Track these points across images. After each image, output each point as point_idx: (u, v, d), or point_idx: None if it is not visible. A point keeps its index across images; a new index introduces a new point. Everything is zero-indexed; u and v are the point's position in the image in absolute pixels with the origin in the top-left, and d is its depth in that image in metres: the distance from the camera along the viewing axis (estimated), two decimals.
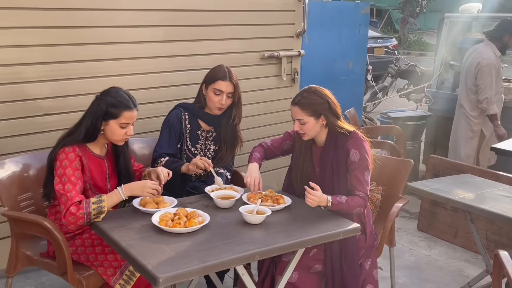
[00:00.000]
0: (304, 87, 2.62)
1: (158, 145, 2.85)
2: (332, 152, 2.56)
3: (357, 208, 2.45)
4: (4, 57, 2.92)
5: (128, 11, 3.31)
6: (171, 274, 1.79)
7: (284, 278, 2.32)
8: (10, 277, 2.55)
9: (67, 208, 2.23)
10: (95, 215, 2.22)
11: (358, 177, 2.49)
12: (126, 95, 2.43)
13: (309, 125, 2.51)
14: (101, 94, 2.44)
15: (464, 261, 3.74)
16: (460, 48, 5.78)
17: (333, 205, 2.39)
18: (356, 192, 2.47)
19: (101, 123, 2.39)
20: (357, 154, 2.50)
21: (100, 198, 2.26)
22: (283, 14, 4.15)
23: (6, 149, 2.96)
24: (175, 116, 2.87)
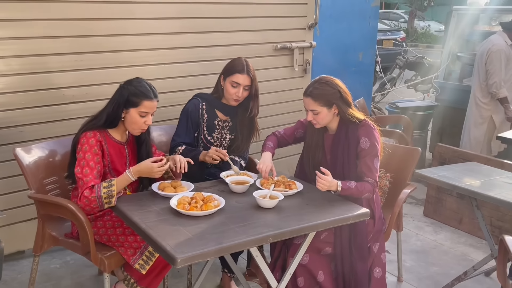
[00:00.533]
0: (315, 78, 2.59)
1: (176, 134, 2.85)
2: (343, 139, 2.54)
3: (366, 194, 2.44)
4: (30, 48, 2.94)
5: (147, 4, 3.31)
6: (188, 255, 1.80)
7: (295, 260, 2.33)
8: (37, 256, 2.59)
9: (82, 192, 2.26)
10: (106, 198, 2.24)
11: (368, 164, 2.47)
12: (148, 86, 2.43)
13: (322, 115, 2.50)
14: (124, 83, 2.45)
15: (469, 246, 3.72)
16: (467, 40, 5.72)
17: (342, 190, 2.39)
18: (365, 178, 2.46)
19: (122, 111, 2.40)
20: (367, 142, 2.49)
21: (110, 183, 2.28)
22: (295, 6, 4.12)
23: (32, 135, 2.99)
24: (193, 106, 2.87)
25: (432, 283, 3.17)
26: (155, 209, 2.20)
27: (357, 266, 2.52)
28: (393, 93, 8.24)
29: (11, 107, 2.95)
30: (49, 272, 3.12)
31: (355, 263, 2.52)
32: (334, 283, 2.56)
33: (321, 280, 2.52)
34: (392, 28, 13.99)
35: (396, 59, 8.77)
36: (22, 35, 2.90)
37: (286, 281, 2.33)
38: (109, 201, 2.26)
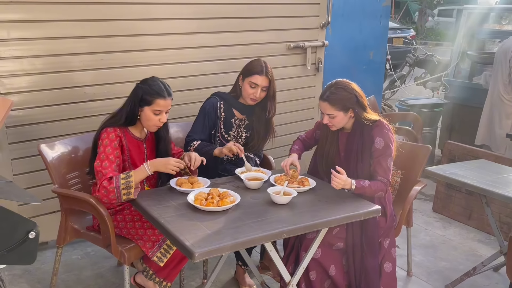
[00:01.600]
0: (331, 81, 2.53)
1: (192, 131, 2.85)
2: (358, 138, 2.52)
3: (379, 193, 2.42)
4: (53, 48, 2.97)
5: (164, 5, 3.31)
6: (205, 250, 1.81)
7: (308, 255, 2.33)
8: (60, 248, 2.63)
9: (100, 183, 2.27)
10: (124, 189, 2.24)
11: (381, 164, 2.45)
12: (162, 84, 2.43)
13: (338, 119, 2.47)
14: (140, 82, 2.46)
15: (478, 241, 3.69)
16: (477, 38, 5.64)
17: (356, 188, 2.37)
18: (378, 178, 2.44)
19: (138, 109, 2.41)
20: (382, 142, 2.46)
21: (128, 174, 2.29)
22: (308, 6, 4.10)
23: (55, 132, 3.03)
24: (211, 105, 2.86)
25: (441, 277, 3.15)
26: (173, 204, 2.22)
27: (367, 261, 2.51)
28: (403, 90, 8.17)
29: (36, 104, 2.99)
30: (71, 263, 3.16)
31: (366, 258, 2.51)
32: (346, 277, 2.56)
33: (333, 274, 2.52)
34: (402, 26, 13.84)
35: (406, 57, 8.69)
36: (45, 35, 2.93)
37: (299, 275, 2.33)
38: (128, 192, 2.25)
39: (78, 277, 3.00)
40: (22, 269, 3.05)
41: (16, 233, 2.26)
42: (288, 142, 3.98)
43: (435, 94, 7.04)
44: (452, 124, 5.41)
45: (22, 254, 2.29)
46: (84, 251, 3.29)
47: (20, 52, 2.88)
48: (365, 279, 2.53)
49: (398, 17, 21.17)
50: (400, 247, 3.27)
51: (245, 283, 2.91)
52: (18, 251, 2.27)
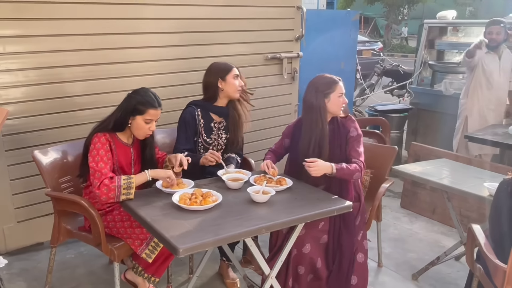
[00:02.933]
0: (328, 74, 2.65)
1: (178, 142, 2.80)
2: (337, 130, 2.61)
3: (356, 173, 2.47)
4: (46, 61, 2.92)
5: (150, 20, 3.29)
6: (189, 245, 1.79)
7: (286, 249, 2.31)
8: (54, 247, 2.58)
9: (101, 181, 2.22)
10: (124, 189, 2.21)
11: (356, 148, 2.54)
12: (153, 95, 2.41)
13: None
14: (132, 92, 2.43)
15: (441, 233, 3.72)
16: (437, 50, 5.74)
17: (337, 170, 2.41)
18: (353, 160, 2.51)
19: (129, 118, 2.38)
20: (355, 131, 2.58)
21: (129, 176, 2.26)
22: (284, 21, 4.11)
23: (48, 139, 2.97)
24: (189, 114, 2.82)
25: (408, 267, 3.17)
26: (159, 204, 2.18)
27: (343, 237, 2.53)
28: (372, 97, 8.24)
29: (30, 114, 2.94)
30: (65, 261, 3.09)
31: (342, 235, 2.53)
32: (328, 268, 2.55)
33: (319, 266, 2.52)
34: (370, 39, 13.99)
35: (374, 67, 8.78)
36: (38, 49, 2.88)
37: (277, 267, 2.31)
38: (127, 193, 2.22)
39: (72, 275, 2.94)
40: (20, 268, 2.98)
41: None
42: (266, 146, 3.96)
43: (401, 100, 7.13)
44: (417, 128, 5.48)
45: None
46: (78, 251, 3.23)
47: (15, 65, 2.83)
48: (339, 255, 2.54)
49: (367, 31, 21.42)
50: (371, 241, 3.28)
51: (229, 277, 2.88)
52: None
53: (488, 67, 4.26)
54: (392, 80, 8.44)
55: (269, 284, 2.29)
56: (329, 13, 5.56)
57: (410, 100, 5.72)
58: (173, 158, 2.48)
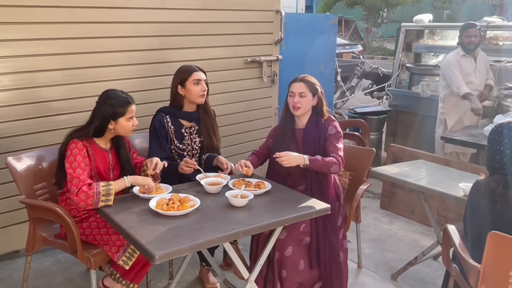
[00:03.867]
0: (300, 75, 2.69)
1: (153, 152, 2.71)
2: (314, 129, 2.62)
3: (333, 166, 2.46)
4: (21, 65, 2.86)
5: (128, 24, 3.25)
6: (165, 252, 1.76)
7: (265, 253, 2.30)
8: (29, 255, 2.50)
9: (79, 188, 2.16)
10: (103, 196, 2.17)
11: (334, 144, 2.56)
12: (123, 94, 2.40)
13: (307, 99, 2.59)
14: (102, 100, 2.37)
15: (419, 233, 3.75)
16: (415, 53, 5.80)
17: (310, 161, 2.43)
18: (331, 155, 2.51)
19: (108, 123, 2.34)
20: (334, 129, 2.61)
21: (108, 183, 2.22)
22: (263, 24, 4.10)
23: (22, 145, 2.90)
24: (158, 122, 2.77)
25: (388, 267, 3.18)
26: (136, 210, 2.14)
27: (331, 237, 2.55)
28: (352, 100, 8.30)
29: (4, 119, 2.86)
30: (42, 269, 3.02)
31: (329, 236, 2.54)
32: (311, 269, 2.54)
33: (302, 268, 2.51)
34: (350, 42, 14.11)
35: (354, 70, 8.84)
36: (12, 54, 2.82)
37: (256, 271, 2.30)
38: (106, 199, 2.17)
39: (49, 283, 2.87)
40: None
41: None
42: (247, 149, 3.97)
43: (380, 102, 7.18)
44: (396, 129, 5.53)
45: None
46: (55, 258, 3.16)
47: None
48: (328, 255, 2.54)
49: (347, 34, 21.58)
50: (351, 242, 3.28)
51: (209, 281, 2.84)
52: None
53: (464, 70, 4.32)
54: (372, 82, 8.51)
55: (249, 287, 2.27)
56: (308, 17, 5.54)
57: (389, 102, 5.77)
58: (149, 162, 2.45)
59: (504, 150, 1.95)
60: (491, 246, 1.73)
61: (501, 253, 1.73)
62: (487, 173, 2.11)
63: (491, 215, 1.92)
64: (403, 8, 20.20)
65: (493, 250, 1.73)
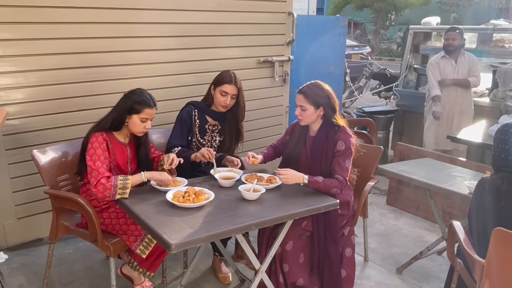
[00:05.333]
0: (310, 81, 2.52)
1: (172, 137, 2.79)
2: (323, 141, 2.49)
3: (333, 189, 2.38)
4: (46, 63, 2.90)
5: (147, 24, 3.27)
6: (181, 241, 1.78)
7: (276, 244, 2.30)
8: (52, 243, 2.55)
9: (98, 180, 2.19)
10: (120, 189, 2.19)
11: (340, 163, 2.43)
12: (149, 96, 2.40)
13: (308, 113, 2.45)
14: (128, 92, 2.42)
15: (424, 229, 3.73)
16: (422, 54, 5.75)
17: (309, 182, 2.35)
18: (335, 176, 2.42)
19: (126, 116, 2.36)
20: (343, 145, 2.44)
21: (126, 177, 2.24)
22: (275, 26, 4.10)
23: (45, 139, 2.94)
24: (186, 113, 2.82)
25: (393, 262, 3.17)
26: (153, 201, 2.17)
27: (330, 248, 2.50)
28: (360, 99, 8.24)
29: (29, 114, 2.91)
30: (64, 257, 3.06)
31: (329, 246, 2.50)
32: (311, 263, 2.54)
33: (302, 261, 2.51)
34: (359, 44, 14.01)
35: (362, 71, 8.78)
36: (38, 52, 2.85)
37: (267, 262, 2.31)
38: (122, 192, 2.20)
39: (70, 270, 2.91)
40: (20, 263, 2.95)
41: None
42: (258, 146, 3.98)
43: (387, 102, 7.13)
44: (402, 128, 5.49)
45: None
46: (76, 246, 3.20)
47: (15, 67, 2.80)
48: (328, 264, 2.52)
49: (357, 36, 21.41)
50: (358, 236, 3.27)
51: (221, 271, 2.87)
52: None
53: (444, 70, 4.44)
54: (379, 82, 8.45)
55: (259, 278, 2.28)
56: (319, 19, 5.52)
57: (396, 102, 5.73)
58: (166, 157, 2.46)
59: (509, 148, 1.94)
60: (496, 241, 1.71)
61: (505, 249, 1.71)
62: (492, 171, 2.09)
63: (496, 211, 1.91)
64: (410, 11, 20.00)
65: (497, 246, 1.72)
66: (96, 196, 2.22)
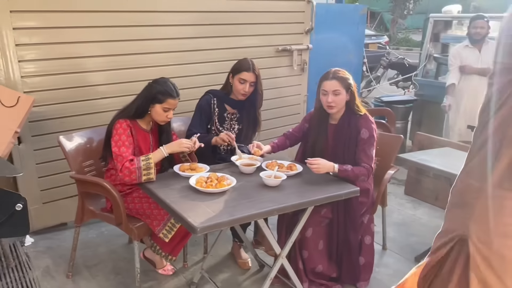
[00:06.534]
0: (330, 69, 2.53)
1: (192, 125, 2.84)
2: (346, 129, 2.50)
3: (361, 177, 2.41)
4: (70, 51, 2.96)
5: (166, 13, 3.31)
6: (206, 225, 1.83)
7: (297, 229, 2.34)
8: (78, 227, 2.64)
9: (122, 164, 2.25)
10: (144, 170, 2.24)
11: (366, 152, 2.44)
12: (172, 85, 2.44)
13: (341, 97, 2.46)
14: (153, 81, 2.46)
15: (443, 219, 3.71)
16: (442, 43, 5.68)
17: (339, 171, 2.37)
18: (362, 164, 2.43)
19: (149, 105, 2.41)
20: (367, 133, 2.45)
21: (147, 156, 2.29)
22: (294, 14, 4.10)
23: (71, 125, 3.02)
24: (205, 101, 2.86)
25: (411, 250, 3.19)
26: (177, 187, 2.22)
27: (350, 235, 2.54)
28: (378, 89, 8.20)
29: (55, 101, 2.98)
30: (88, 241, 3.16)
31: (348, 233, 2.53)
32: (330, 250, 2.58)
33: (321, 248, 2.55)
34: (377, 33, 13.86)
35: (380, 60, 8.71)
36: (62, 40, 2.92)
37: (288, 247, 2.35)
38: (148, 173, 2.24)
39: (94, 253, 3.01)
40: (45, 246, 3.05)
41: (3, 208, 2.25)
42: (276, 134, 3.98)
43: (406, 92, 7.08)
44: (421, 118, 5.45)
45: (13, 226, 2.29)
46: (99, 231, 3.29)
47: (41, 55, 2.87)
48: (347, 252, 2.56)
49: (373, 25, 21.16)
50: (377, 225, 3.29)
51: (241, 257, 2.92)
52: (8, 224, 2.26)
53: (466, 60, 4.34)
54: (397, 72, 8.37)
55: (280, 263, 2.32)
56: (337, 7, 5.49)
57: (415, 91, 5.68)
58: None
59: None
60: None
61: None
62: None
63: None
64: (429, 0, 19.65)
65: None
66: (124, 180, 2.28)
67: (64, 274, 2.73)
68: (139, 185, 2.31)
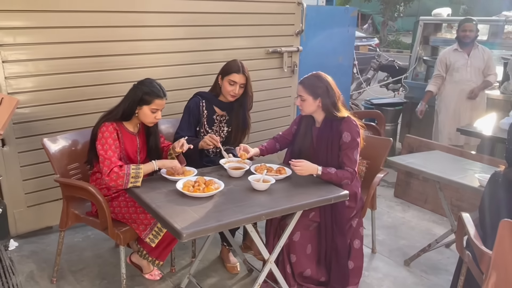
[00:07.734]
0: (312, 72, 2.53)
1: (180, 128, 2.81)
2: (328, 132, 2.49)
3: (345, 180, 2.40)
4: (56, 52, 2.90)
5: (155, 13, 3.26)
6: (192, 230, 1.79)
7: (285, 234, 2.31)
8: (63, 231, 2.59)
9: (110, 169, 2.21)
10: (133, 177, 2.21)
11: (348, 156, 2.43)
12: (158, 86, 2.40)
13: (307, 103, 2.46)
14: (138, 83, 2.42)
15: (432, 222, 3.73)
16: (432, 46, 5.70)
17: (323, 174, 2.36)
18: (345, 168, 2.42)
19: (136, 107, 2.37)
20: (349, 136, 2.43)
21: (138, 166, 2.26)
22: (284, 16, 4.08)
23: (57, 127, 2.96)
24: (194, 103, 2.82)
25: (401, 254, 3.18)
26: (163, 191, 2.18)
27: (337, 239, 2.52)
28: (368, 91, 8.22)
29: (40, 103, 2.92)
30: (73, 245, 3.10)
31: (336, 237, 2.52)
32: (318, 254, 2.56)
33: (309, 252, 2.52)
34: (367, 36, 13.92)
35: (371, 62, 8.73)
36: (47, 40, 2.86)
37: (277, 252, 2.32)
38: (135, 181, 2.21)
39: (80, 257, 2.95)
40: (29, 250, 3.00)
41: None
42: (267, 136, 3.97)
43: (396, 94, 7.10)
44: (411, 121, 5.47)
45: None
46: (85, 235, 3.24)
47: (25, 55, 2.81)
48: (335, 255, 2.54)
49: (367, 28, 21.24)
50: (366, 228, 3.28)
51: (229, 261, 2.89)
52: None
53: (453, 64, 4.35)
54: (387, 74, 8.39)
55: (268, 268, 2.30)
56: (328, 9, 5.49)
57: (405, 94, 5.71)
58: (177, 143, 2.48)
59: None
60: (503, 233, 1.71)
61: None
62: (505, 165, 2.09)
63: (509, 205, 1.90)
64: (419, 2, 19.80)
65: (505, 238, 1.71)
66: (109, 185, 2.24)
67: (48, 279, 2.68)
68: (126, 190, 2.27)
